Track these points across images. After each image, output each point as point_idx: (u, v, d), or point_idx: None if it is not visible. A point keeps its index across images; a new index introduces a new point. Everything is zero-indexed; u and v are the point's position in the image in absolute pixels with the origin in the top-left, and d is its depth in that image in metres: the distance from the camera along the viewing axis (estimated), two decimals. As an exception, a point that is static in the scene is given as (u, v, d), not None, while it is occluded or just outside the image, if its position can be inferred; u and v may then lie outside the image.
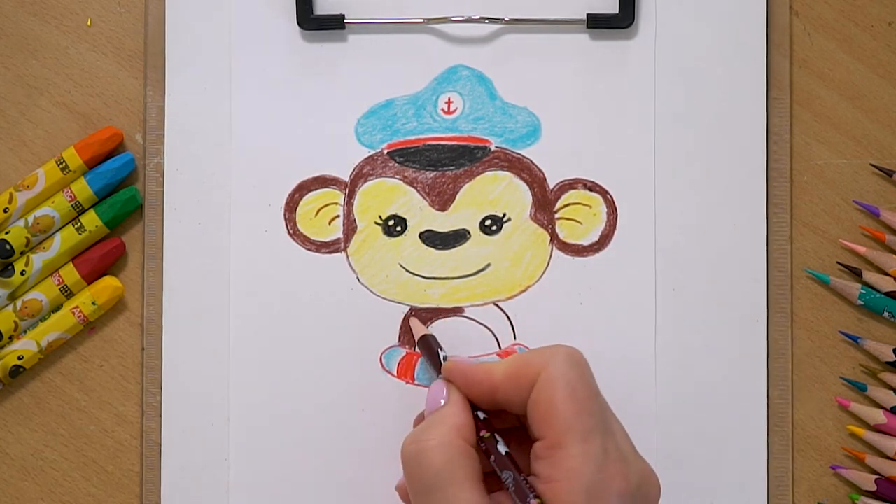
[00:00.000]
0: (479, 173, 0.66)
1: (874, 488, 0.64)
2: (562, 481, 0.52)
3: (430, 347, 0.62)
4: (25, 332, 0.66)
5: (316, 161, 0.66)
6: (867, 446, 0.65)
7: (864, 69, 0.67)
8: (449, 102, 0.66)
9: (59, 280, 0.65)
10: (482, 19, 0.65)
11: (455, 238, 0.66)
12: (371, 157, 0.66)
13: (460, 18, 0.65)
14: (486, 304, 0.66)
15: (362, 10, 0.66)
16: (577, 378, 0.54)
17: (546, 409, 0.53)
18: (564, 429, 0.53)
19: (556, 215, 0.66)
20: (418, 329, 0.64)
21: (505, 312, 0.66)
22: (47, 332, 0.65)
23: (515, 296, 0.66)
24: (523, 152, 0.66)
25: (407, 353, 0.66)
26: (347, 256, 0.66)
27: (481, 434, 0.56)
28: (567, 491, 0.51)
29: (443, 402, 0.57)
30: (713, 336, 0.65)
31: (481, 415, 0.57)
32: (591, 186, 0.66)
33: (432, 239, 0.66)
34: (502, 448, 0.55)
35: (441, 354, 0.61)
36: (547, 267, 0.66)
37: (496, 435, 0.56)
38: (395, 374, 0.66)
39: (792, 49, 0.66)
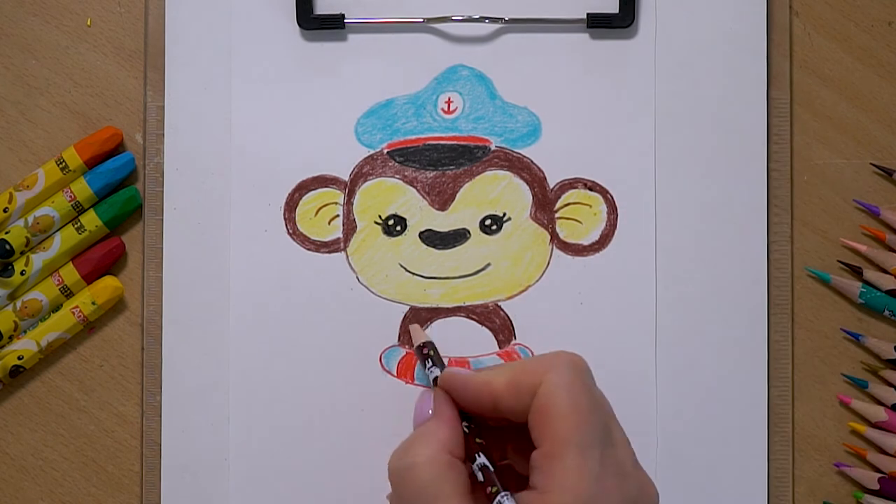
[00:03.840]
0: (479, 173, 0.66)
1: (878, 487, 0.64)
2: (555, 493, 0.51)
3: (426, 356, 0.61)
4: (25, 332, 0.66)
5: (316, 161, 0.66)
6: (869, 444, 0.65)
7: (864, 69, 0.67)
8: (449, 102, 0.66)
9: (59, 280, 0.65)
10: (482, 19, 0.65)
11: (455, 238, 0.66)
12: (371, 156, 0.66)
13: (460, 18, 0.65)
14: (486, 303, 0.66)
15: (362, 10, 0.66)
16: (580, 387, 0.53)
17: (545, 419, 0.52)
18: (563, 440, 0.51)
19: (557, 215, 0.66)
20: (418, 336, 0.64)
21: (505, 312, 0.66)
22: (47, 332, 0.65)
23: (515, 295, 0.66)
24: (523, 152, 0.66)
25: (407, 352, 0.65)
26: (347, 256, 0.66)
27: (476, 441, 0.55)
28: None
29: (430, 412, 0.57)
30: (714, 335, 0.65)
31: (467, 428, 0.56)
32: (592, 186, 0.66)
33: (432, 239, 0.66)
34: (482, 461, 0.54)
35: (435, 369, 0.60)
36: (547, 267, 0.66)
37: (480, 451, 0.55)
38: (395, 374, 0.66)
39: (792, 49, 0.66)
